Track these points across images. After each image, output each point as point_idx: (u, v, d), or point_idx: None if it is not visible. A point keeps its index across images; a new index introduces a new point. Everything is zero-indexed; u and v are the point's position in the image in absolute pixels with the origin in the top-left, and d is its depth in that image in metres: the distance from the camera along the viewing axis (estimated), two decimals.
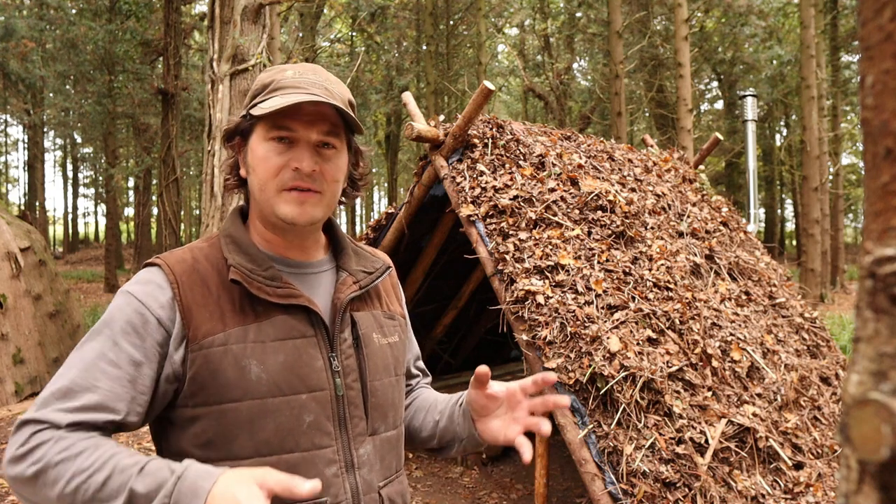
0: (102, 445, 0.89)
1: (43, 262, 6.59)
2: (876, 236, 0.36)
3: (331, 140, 1.07)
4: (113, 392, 0.93)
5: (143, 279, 1.03)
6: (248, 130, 1.08)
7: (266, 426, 0.99)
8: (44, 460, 0.86)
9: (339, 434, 1.06)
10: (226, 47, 6.08)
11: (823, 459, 3.02)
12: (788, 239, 32.22)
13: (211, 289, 1.03)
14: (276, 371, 1.01)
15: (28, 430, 0.89)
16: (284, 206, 1.04)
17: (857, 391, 0.35)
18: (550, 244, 3.15)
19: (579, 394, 2.68)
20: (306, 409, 1.02)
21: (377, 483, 1.10)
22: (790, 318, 3.91)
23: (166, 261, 1.05)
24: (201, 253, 1.08)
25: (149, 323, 0.98)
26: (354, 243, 1.23)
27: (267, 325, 1.03)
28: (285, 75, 1.07)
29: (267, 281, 1.04)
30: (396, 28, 18.48)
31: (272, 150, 1.04)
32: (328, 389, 1.05)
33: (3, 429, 5.36)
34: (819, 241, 12.94)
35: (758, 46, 17.86)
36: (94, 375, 0.94)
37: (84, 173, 35.55)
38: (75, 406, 0.91)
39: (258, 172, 1.05)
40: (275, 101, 1.02)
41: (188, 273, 1.03)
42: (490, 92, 3.37)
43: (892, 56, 0.35)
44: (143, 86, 15.41)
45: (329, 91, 1.06)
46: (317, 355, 1.05)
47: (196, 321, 1.00)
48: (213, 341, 0.99)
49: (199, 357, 0.98)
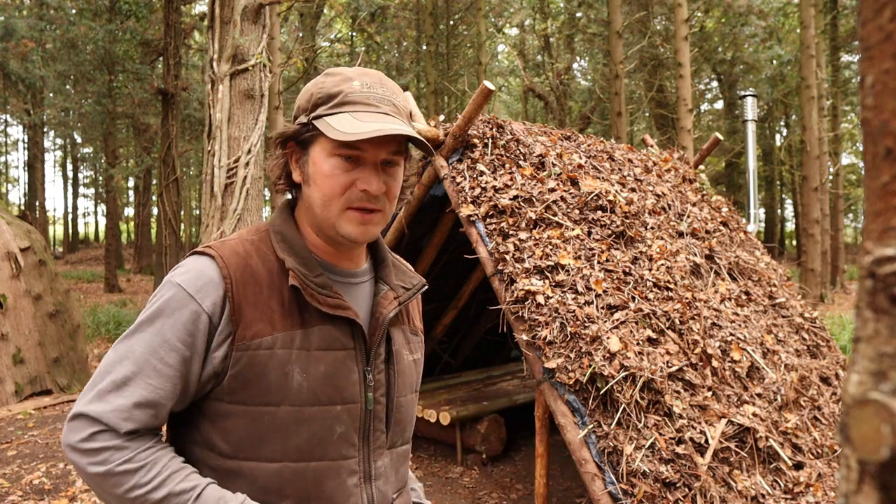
0: (160, 461, 0.95)
1: (43, 262, 6.59)
2: (876, 236, 0.36)
3: (395, 158, 1.05)
4: (164, 389, 0.96)
5: (195, 270, 1.01)
6: (310, 140, 1.05)
7: (300, 433, 1.00)
8: (106, 466, 0.93)
9: (362, 446, 1.07)
10: (226, 47, 6.07)
11: (823, 459, 3.02)
12: (788, 239, 32.22)
13: (262, 287, 1.02)
14: (316, 380, 1.01)
15: (89, 426, 0.94)
16: (348, 225, 1.03)
17: (857, 391, 0.35)
18: (550, 244, 3.15)
19: (579, 394, 2.68)
20: (339, 421, 1.03)
21: (391, 494, 1.12)
22: (790, 318, 3.91)
23: (220, 252, 1.02)
24: (252, 246, 1.06)
25: (200, 320, 0.98)
26: (392, 255, 1.23)
27: (313, 333, 1.02)
28: (353, 87, 1.02)
29: (319, 289, 1.03)
30: (396, 28, 18.49)
31: (338, 168, 1.01)
32: (360, 403, 1.06)
33: (4, 429, 5.36)
34: (819, 241, 12.94)
35: (758, 46, 17.85)
36: (146, 372, 0.96)
37: (84, 173, 35.57)
38: (129, 404, 0.95)
39: (323, 188, 1.02)
40: (346, 120, 0.99)
41: (241, 268, 1.01)
42: (490, 92, 3.37)
43: (892, 56, 0.35)
44: (143, 86, 15.41)
45: (396, 107, 1.04)
46: (354, 368, 1.06)
47: (246, 320, 0.99)
48: (261, 343, 0.98)
49: (244, 357, 0.98)
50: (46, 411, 5.92)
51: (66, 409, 6.02)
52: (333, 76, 1.06)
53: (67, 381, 6.53)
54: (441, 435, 4.96)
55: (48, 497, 3.97)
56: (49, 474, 4.35)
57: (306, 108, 1.06)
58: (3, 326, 5.98)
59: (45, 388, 6.28)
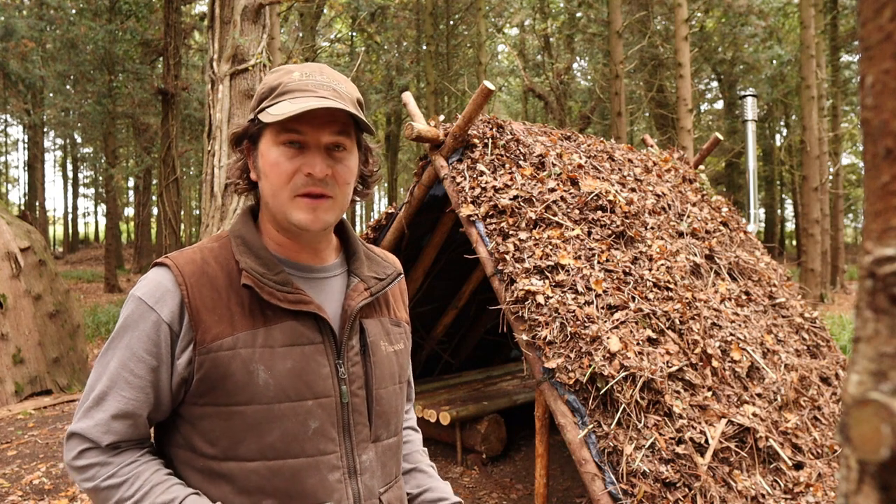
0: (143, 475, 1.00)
1: (43, 262, 6.59)
2: (876, 236, 0.36)
3: (342, 141, 1.05)
4: (137, 400, 1.00)
5: (153, 282, 1.04)
6: (258, 134, 1.07)
7: (272, 431, 1.00)
8: (94, 482, 0.99)
9: (343, 440, 1.06)
10: (226, 47, 6.07)
11: (823, 459, 3.02)
12: (788, 239, 32.22)
13: (220, 291, 1.03)
14: (283, 377, 1.01)
15: (78, 444, 1.01)
16: (297, 212, 1.04)
17: (857, 391, 0.35)
18: (550, 244, 3.15)
19: (579, 394, 2.68)
20: (312, 416, 1.03)
21: (378, 489, 1.11)
22: (790, 318, 3.91)
23: (175, 261, 1.04)
24: (211, 253, 1.07)
25: (161, 329, 1.00)
26: (366, 246, 1.23)
27: (276, 330, 1.03)
28: (292, 77, 1.06)
29: (278, 286, 1.03)
30: (396, 28, 18.48)
31: (283, 155, 1.03)
32: (334, 396, 1.05)
33: (4, 429, 5.36)
34: (819, 241, 12.94)
35: (758, 46, 17.85)
36: (119, 385, 1.00)
37: (84, 173, 35.55)
38: (107, 417, 1.00)
39: (270, 178, 1.04)
40: (283, 106, 1.01)
41: (197, 274, 1.03)
42: (490, 92, 3.37)
43: (892, 56, 0.35)
44: (143, 86, 15.41)
45: (337, 92, 1.05)
46: (324, 362, 1.05)
47: (205, 324, 1.00)
48: (222, 345, 1.00)
49: (207, 360, 0.99)
50: (46, 411, 5.92)
51: (66, 409, 6.02)
52: (276, 71, 1.10)
53: (67, 381, 6.53)
54: (441, 435, 4.96)
55: (48, 497, 3.97)
56: (49, 474, 4.35)
57: (254, 107, 1.09)
58: (3, 326, 5.98)
59: (45, 388, 6.28)
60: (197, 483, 1.02)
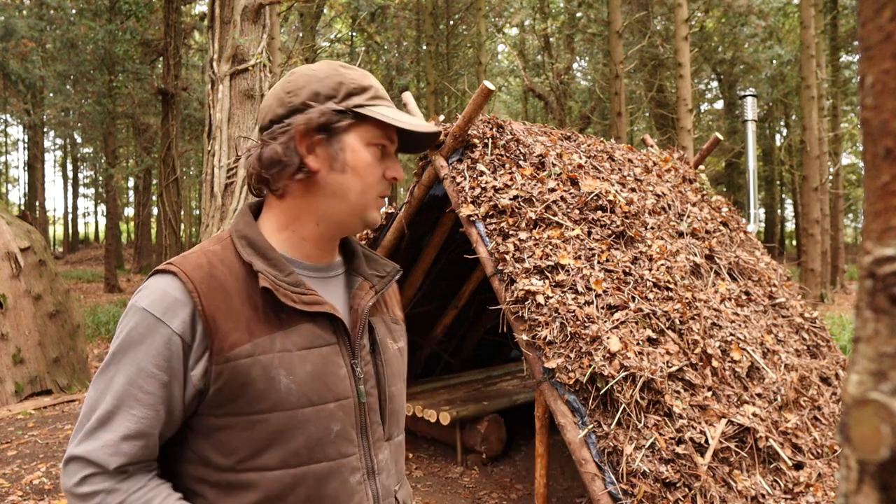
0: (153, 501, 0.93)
1: (43, 262, 6.59)
2: (876, 236, 0.36)
3: None
4: (148, 418, 0.94)
5: (158, 291, 0.97)
6: (344, 127, 1.02)
7: (296, 437, 0.98)
8: None
9: (361, 441, 1.05)
10: (226, 47, 6.08)
11: (823, 459, 3.02)
12: (788, 239, 32.22)
13: (231, 296, 0.98)
14: (304, 381, 0.98)
15: (81, 469, 0.93)
16: (374, 212, 1.08)
17: (856, 391, 0.35)
18: (550, 244, 3.15)
19: (579, 394, 2.68)
20: (334, 418, 1.01)
21: (393, 487, 1.11)
22: (790, 318, 3.91)
23: (182, 268, 0.98)
24: (216, 257, 1.02)
25: (172, 342, 0.95)
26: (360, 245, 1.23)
27: (293, 333, 1.00)
28: (371, 81, 1.07)
29: (292, 287, 1.00)
30: (396, 28, 18.49)
31: (374, 157, 1.05)
32: (352, 397, 1.04)
33: (4, 429, 5.36)
34: (819, 241, 12.94)
35: (758, 46, 17.85)
36: (128, 403, 0.94)
37: (84, 173, 35.55)
38: (116, 438, 0.93)
39: (364, 176, 1.04)
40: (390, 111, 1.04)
41: (207, 280, 0.98)
42: (490, 92, 3.37)
43: (892, 56, 0.35)
44: (143, 86, 15.42)
45: None
46: (340, 363, 1.04)
47: (221, 332, 0.96)
48: (241, 353, 0.95)
49: (226, 370, 0.95)
50: (46, 411, 5.92)
51: (66, 409, 6.02)
52: (351, 69, 1.09)
53: (67, 381, 6.53)
54: (441, 435, 4.96)
55: (48, 497, 3.97)
56: (49, 474, 4.35)
57: (333, 96, 1.02)
58: (3, 326, 5.98)
59: (45, 388, 6.28)
60: (212, 498, 0.98)
